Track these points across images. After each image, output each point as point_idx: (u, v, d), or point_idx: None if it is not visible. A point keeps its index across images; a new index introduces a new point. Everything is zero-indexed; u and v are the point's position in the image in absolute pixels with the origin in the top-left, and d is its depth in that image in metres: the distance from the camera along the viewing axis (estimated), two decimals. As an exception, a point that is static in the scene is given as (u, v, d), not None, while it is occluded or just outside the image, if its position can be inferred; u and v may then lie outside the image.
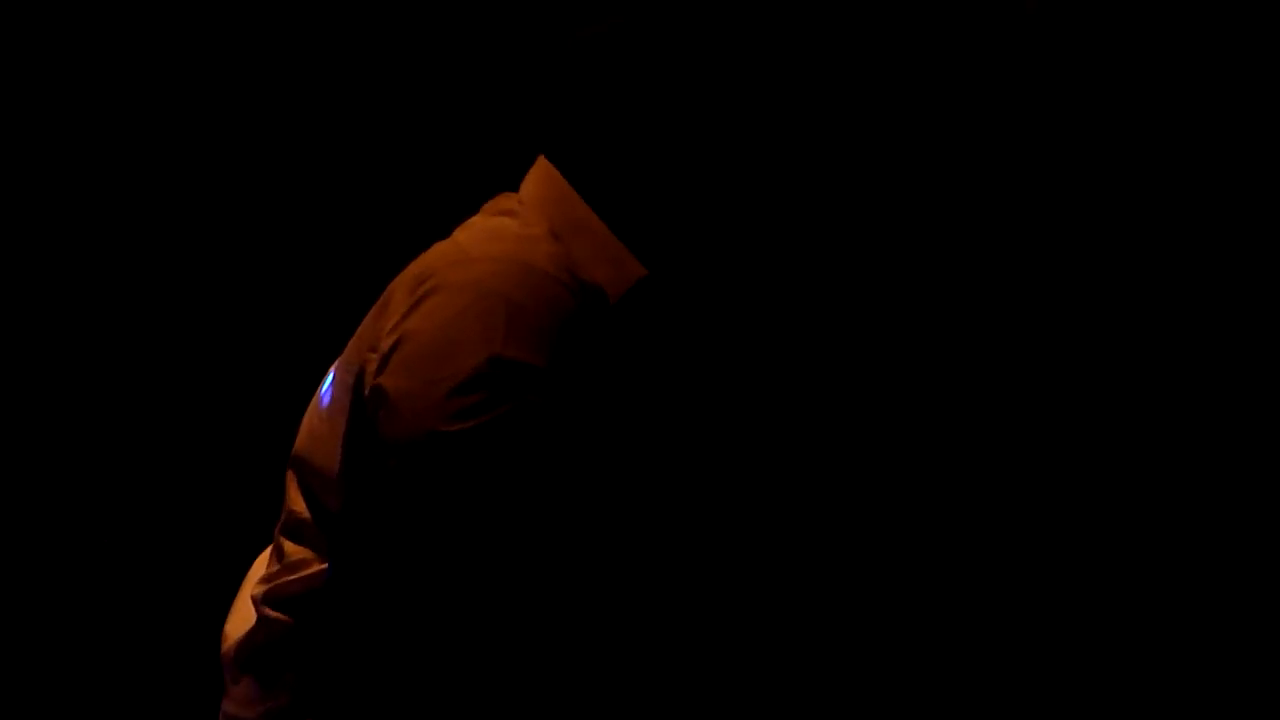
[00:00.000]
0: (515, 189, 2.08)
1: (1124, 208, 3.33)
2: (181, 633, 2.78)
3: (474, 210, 2.08)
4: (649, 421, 1.97)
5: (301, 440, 2.04)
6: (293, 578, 1.99)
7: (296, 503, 2.02)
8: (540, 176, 2.04)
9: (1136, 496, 3.37)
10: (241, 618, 2.05)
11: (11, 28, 3.57)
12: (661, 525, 1.92)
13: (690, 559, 1.97)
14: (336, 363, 2.01)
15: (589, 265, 1.95)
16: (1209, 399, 3.36)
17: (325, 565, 1.96)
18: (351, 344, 2.00)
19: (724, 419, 2.13)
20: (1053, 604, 3.36)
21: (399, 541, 1.87)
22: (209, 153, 3.62)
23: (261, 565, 2.08)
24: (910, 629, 3.23)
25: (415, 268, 1.97)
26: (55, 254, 3.63)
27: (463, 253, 1.96)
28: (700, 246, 1.99)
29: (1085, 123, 3.26)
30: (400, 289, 1.96)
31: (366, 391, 1.90)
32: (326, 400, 2.00)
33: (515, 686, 1.88)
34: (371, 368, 1.90)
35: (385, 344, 1.89)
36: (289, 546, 2.02)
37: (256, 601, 2.02)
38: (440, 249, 1.99)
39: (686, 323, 2.00)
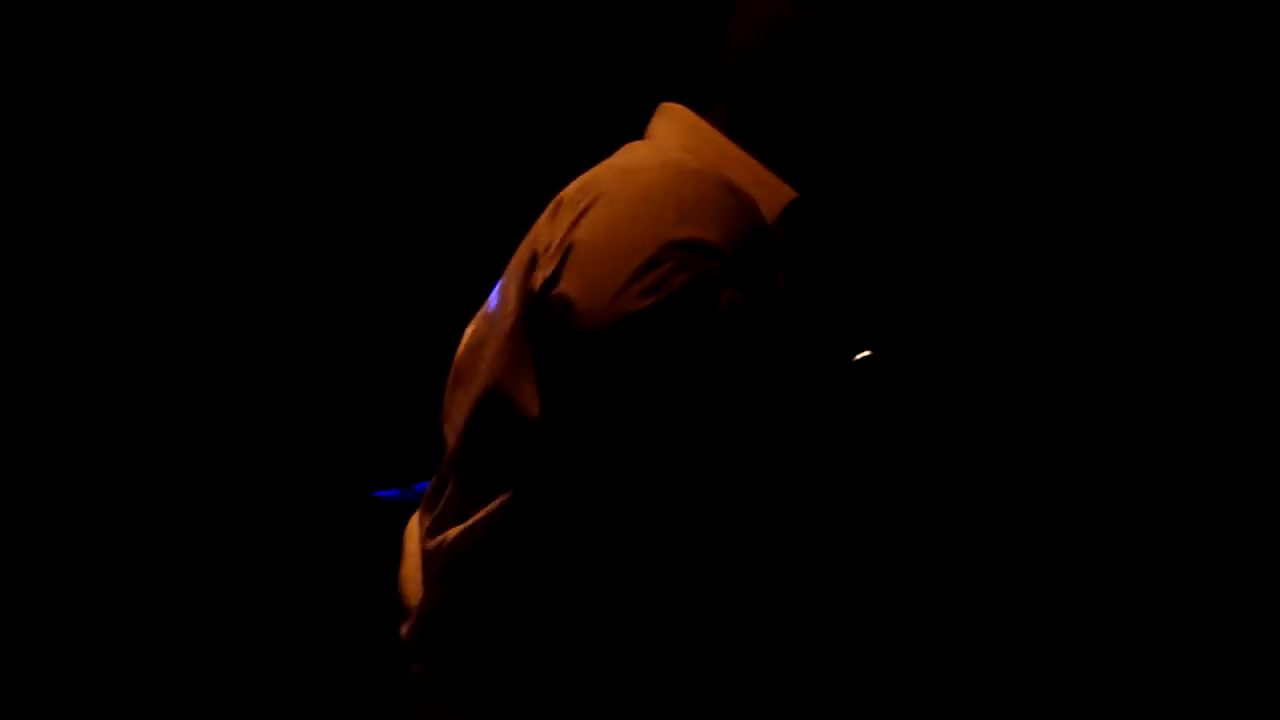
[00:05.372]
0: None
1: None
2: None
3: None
4: (810, 337, 2.05)
5: (462, 356, 2.08)
6: (460, 529, 2.01)
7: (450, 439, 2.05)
8: (669, 118, 2.11)
9: (1135, 496, 3.39)
10: (413, 576, 2.08)
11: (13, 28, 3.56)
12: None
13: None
14: (494, 292, 2.04)
15: (740, 185, 2.01)
16: (1209, 399, 3.39)
17: (487, 511, 1.98)
18: (513, 265, 2.04)
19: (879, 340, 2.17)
20: (1054, 604, 3.38)
21: (597, 450, 1.91)
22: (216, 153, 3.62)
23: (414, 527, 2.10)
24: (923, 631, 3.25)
25: (574, 187, 2.02)
26: (60, 255, 3.62)
27: (620, 168, 2.01)
28: (848, 167, 2.05)
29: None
30: (562, 205, 2.00)
31: (545, 303, 1.94)
32: (496, 322, 2.02)
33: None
34: (546, 275, 1.94)
35: (555, 255, 1.94)
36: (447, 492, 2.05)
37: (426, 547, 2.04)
38: (595, 171, 2.04)
39: (840, 243, 2.07)
